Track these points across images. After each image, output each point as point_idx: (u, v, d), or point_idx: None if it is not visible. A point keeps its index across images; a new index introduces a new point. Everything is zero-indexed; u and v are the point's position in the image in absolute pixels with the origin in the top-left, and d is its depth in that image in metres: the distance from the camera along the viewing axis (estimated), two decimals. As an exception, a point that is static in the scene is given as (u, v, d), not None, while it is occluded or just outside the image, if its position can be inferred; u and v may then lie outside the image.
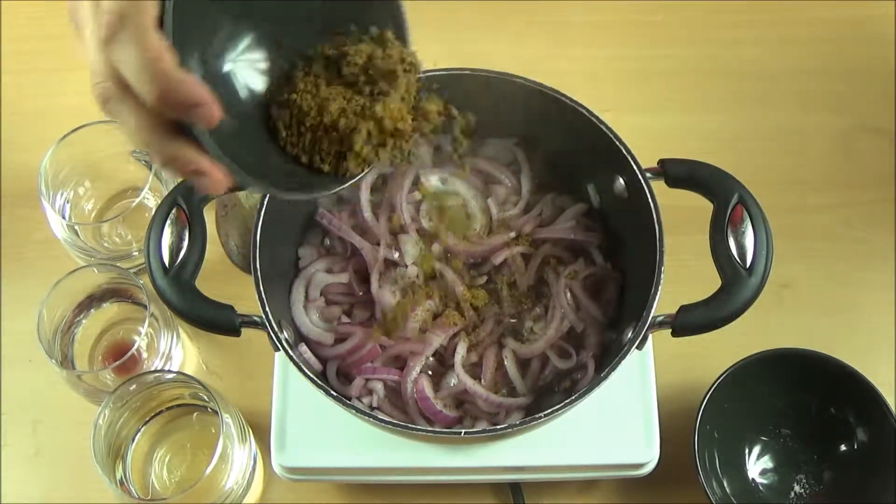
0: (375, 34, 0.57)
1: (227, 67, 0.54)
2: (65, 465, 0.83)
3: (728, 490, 0.80)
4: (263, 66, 0.56)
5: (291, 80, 0.57)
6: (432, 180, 0.80)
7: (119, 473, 0.76)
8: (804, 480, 0.82)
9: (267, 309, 0.66)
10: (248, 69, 0.55)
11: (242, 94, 0.55)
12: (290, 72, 0.57)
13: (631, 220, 0.73)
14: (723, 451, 0.81)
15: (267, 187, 0.57)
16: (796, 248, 0.92)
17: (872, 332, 0.89)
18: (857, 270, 0.92)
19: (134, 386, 0.74)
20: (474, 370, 0.75)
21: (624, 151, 0.71)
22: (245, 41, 0.55)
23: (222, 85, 0.54)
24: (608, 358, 0.72)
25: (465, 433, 0.66)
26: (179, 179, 0.69)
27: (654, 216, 0.69)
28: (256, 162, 0.54)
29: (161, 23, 0.47)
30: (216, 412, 0.73)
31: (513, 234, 0.79)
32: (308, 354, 0.74)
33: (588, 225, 0.80)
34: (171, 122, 0.48)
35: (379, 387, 0.74)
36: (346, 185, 0.57)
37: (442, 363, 0.76)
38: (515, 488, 0.81)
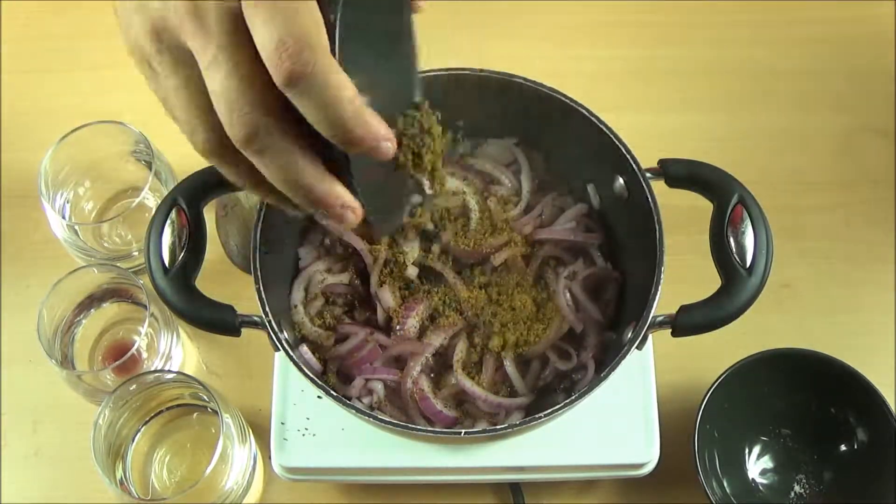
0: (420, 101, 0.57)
1: None
2: (65, 465, 0.83)
3: (728, 490, 0.80)
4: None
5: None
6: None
7: (119, 473, 0.76)
8: (804, 480, 0.82)
9: (267, 309, 0.66)
10: None
11: None
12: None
13: (631, 220, 0.73)
14: (723, 451, 0.81)
15: (392, 225, 0.61)
16: (796, 248, 0.92)
17: (872, 332, 0.89)
18: (857, 270, 0.92)
19: (134, 386, 0.74)
20: (474, 370, 0.75)
21: (624, 151, 0.71)
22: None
23: None
24: (608, 358, 0.72)
25: (465, 433, 0.66)
26: (177, 182, 0.69)
27: (654, 216, 0.69)
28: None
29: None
30: (216, 412, 0.73)
31: (513, 235, 0.79)
32: (308, 355, 0.74)
33: (588, 225, 0.80)
34: (319, 157, 0.46)
35: (379, 387, 0.74)
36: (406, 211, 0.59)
37: (442, 363, 0.76)
38: (515, 488, 0.81)
